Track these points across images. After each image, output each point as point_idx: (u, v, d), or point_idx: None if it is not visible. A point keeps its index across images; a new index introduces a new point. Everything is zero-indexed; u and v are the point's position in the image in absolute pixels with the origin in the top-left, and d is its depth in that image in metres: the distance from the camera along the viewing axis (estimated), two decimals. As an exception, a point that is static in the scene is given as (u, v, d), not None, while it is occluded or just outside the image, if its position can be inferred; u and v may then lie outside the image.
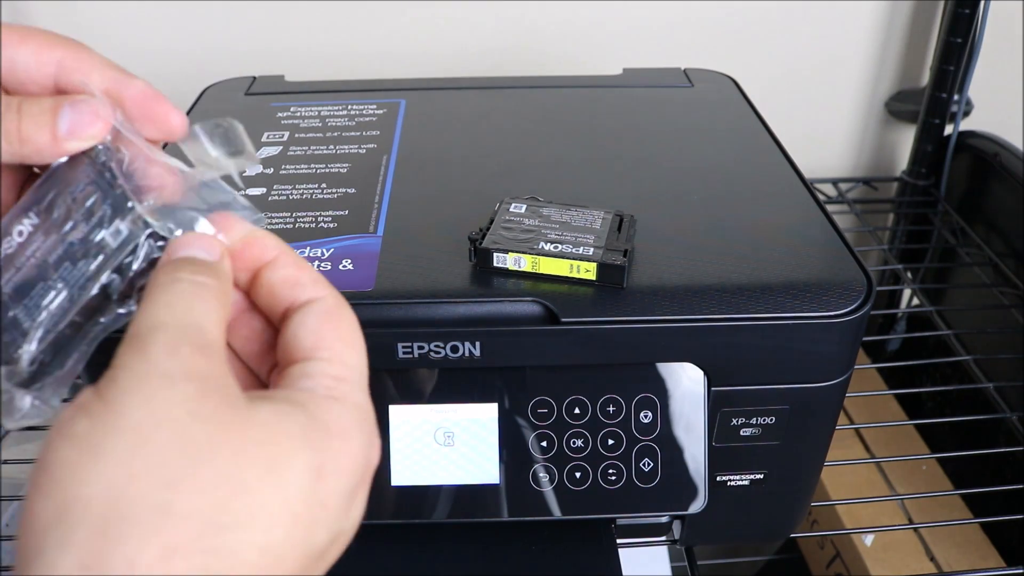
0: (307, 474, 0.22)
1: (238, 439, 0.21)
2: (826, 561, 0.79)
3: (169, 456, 0.20)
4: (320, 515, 0.22)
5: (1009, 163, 0.81)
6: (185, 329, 0.23)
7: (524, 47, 0.88)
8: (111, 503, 0.19)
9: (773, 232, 0.49)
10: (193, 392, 0.21)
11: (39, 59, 0.28)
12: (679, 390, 0.45)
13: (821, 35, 0.90)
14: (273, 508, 0.21)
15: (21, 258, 0.27)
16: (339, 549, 0.24)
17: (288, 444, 0.22)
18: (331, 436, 0.23)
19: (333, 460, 0.23)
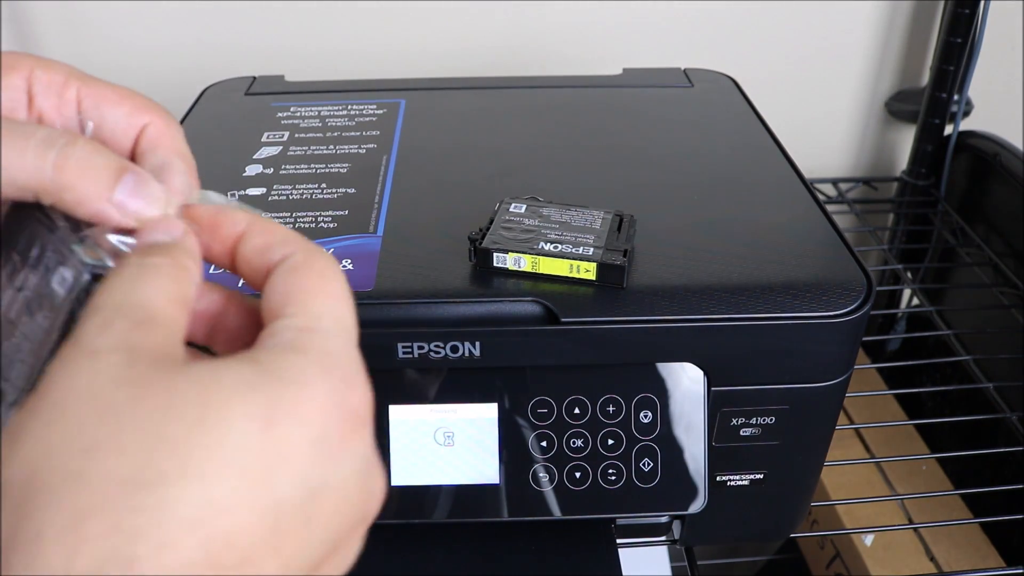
0: (251, 424, 0.20)
1: (163, 397, 0.20)
2: (826, 561, 0.79)
3: (86, 424, 0.19)
4: (279, 466, 0.20)
5: (1009, 163, 0.81)
6: (120, 307, 0.22)
7: (524, 47, 0.88)
8: (28, 480, 0.18)
9: (773, 232, 0.49)
10: (119, 361, 0.20)
11: (129, 122, 0.27)
12: (679, 390, 0.45)
13: (821, 35, 0.90)
14: (209, 461, 0.19)
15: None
16: (345, 501, 0.22)
17: (222, 396, 0.20)
18: (283, 384, 0.21)
19: (286, 408, 0.21)
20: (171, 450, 0.19)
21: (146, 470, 0.18)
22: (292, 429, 0.20)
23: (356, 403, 0.22)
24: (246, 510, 0.19)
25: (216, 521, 0.18)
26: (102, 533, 0.17)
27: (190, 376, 0.20)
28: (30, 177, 0.24)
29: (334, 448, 0.21)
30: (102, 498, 0.18)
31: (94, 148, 0.24)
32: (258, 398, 0.20)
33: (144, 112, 0.27)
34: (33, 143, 0.23)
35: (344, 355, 0.23)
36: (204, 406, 0.20)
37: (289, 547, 0.20)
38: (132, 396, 0.19)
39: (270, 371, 0.21)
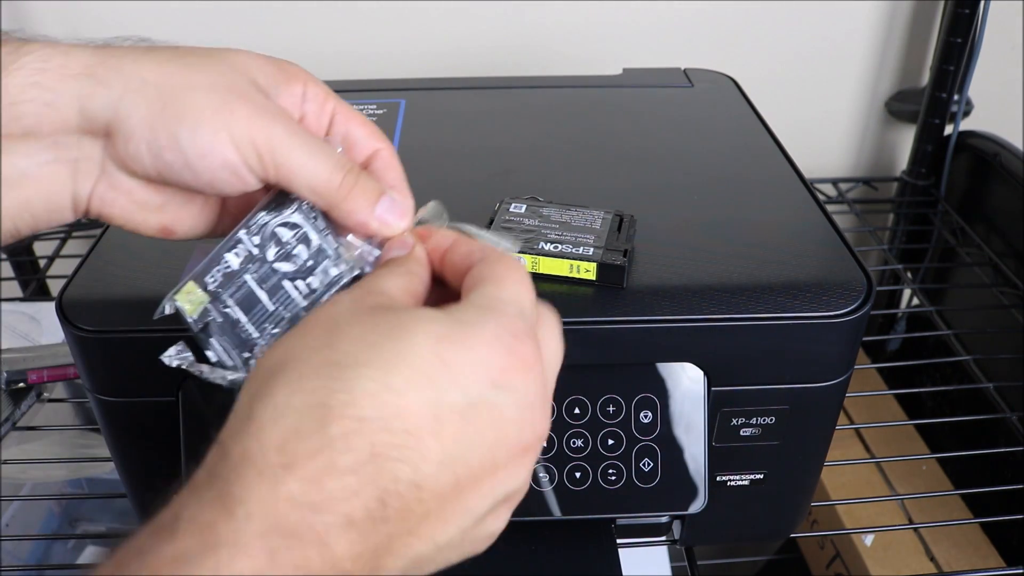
0: (428, 340, 0.26)
1: (370, 321, 0.27)
2: (826, 561, 0.79)
3: (317, 334, 0.27)
4: (442, 373, 0.26)
5: (1009, 163, 0.81)
6: (368, 287, 0.30)
7: (524, 47, 0.88)
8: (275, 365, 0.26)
9: (773, 232, 0.49)
10: (349, 307, 0.28)
11: (368, 143, 0.36)
12: (679, 390, 0.45)
13: (821, 35, 0.90)
14: (391, 357, 0.26)
15: (239, 277, 0.33)
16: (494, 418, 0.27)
17: (411, 322, 0.27)
18: (460, 324, 0.27)
19: (457, 337, 0.27)
20: (367, 349, 0.26)
21: (347, 358, 0.26)
22: (459, 351, 0.26)
23: (523, 353, 0.27)
24: (414, 395, 0.25)
25: (388, 395, 0.25)
26: (312, 389, 0.25)
27: (395, 311, 0.28)
28: (322, 185, 0.32)
29: (495, 376, 0.27)
30: (315, 371, 0.25)
31: (368, 175, 0.34)
32: (439, 327, 0.27)
33: (379, 139, 0.36)
34: (332, 162, 0.32)
35: (519, 319, 0.28)
36: (397, 327, 0.27)
37: (448, 435, 0.25)
38: (350, 320, 0.27)
39: (454, 316, 0.27)
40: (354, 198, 0.33)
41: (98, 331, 0.42)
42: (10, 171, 0.32)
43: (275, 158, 0.31)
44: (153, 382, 0.43)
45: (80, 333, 0.42)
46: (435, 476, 0.25)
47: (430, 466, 0.25)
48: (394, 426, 0.25)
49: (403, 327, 0.27)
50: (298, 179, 0.32)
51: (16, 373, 0.66)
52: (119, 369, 0.44)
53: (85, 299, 0.43)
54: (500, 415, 0.27)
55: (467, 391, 0.26)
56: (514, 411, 0.27)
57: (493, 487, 0.27)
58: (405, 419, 0.25)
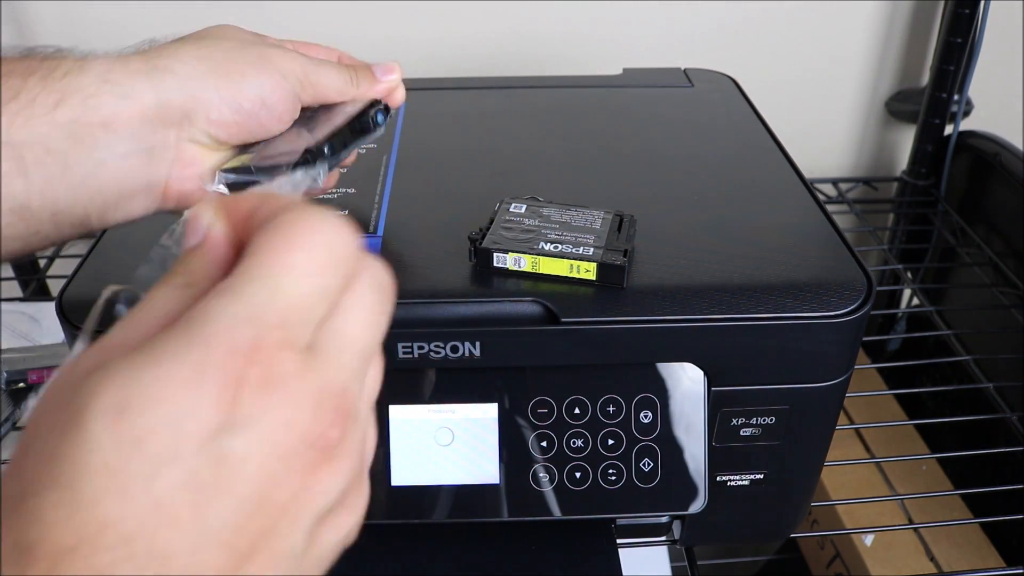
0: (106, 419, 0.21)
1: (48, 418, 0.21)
2: (826, 561, 0.79)
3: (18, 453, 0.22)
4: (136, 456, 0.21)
5: (1009, 163, 0.81)
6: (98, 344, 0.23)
7: (524, 47, 0.88)
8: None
9: (773, 232, 0.49)
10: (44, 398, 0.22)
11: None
12: (679, 390, 0.45)
13: (821, 35, 0.90)
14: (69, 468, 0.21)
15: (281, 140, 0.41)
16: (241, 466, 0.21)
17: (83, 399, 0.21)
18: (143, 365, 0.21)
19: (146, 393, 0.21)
20: (46, 464, 0.20)
21: (32, 485, 0.20)
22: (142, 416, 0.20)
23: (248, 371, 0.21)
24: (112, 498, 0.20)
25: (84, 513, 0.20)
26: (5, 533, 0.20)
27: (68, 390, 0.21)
28: (344, 87, 0.43)
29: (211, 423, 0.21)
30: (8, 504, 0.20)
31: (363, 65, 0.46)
32: (112, 392, 0.21)
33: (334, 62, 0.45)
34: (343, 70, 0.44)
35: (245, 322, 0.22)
36: (69, 418, 0.21)
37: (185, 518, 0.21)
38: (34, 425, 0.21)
39: (139, 355, 0.21)
40: (364, 83, 0.45)
41: (98, 331, 0.42)
42: (87, 162, 0.35)
43: (310, 79, 0.41)
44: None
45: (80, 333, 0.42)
46: (198, 564, 0.21)
47: (182, 559, 0.20)
48: (105, 542, 0.20)
49: (74, 418, 0.21)
50: (329, 90, 0.43)
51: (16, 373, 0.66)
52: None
53: (85, 299, 0.43)
54: (242, 461, 0.21)
55: (179, 458, 0.21)
56: (261, 446, 0.21)
57: (294, 522, 0.22)
58: (116, 529, 0.20)
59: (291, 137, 0.42)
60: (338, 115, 0.43)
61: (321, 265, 0.23)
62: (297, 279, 0.22)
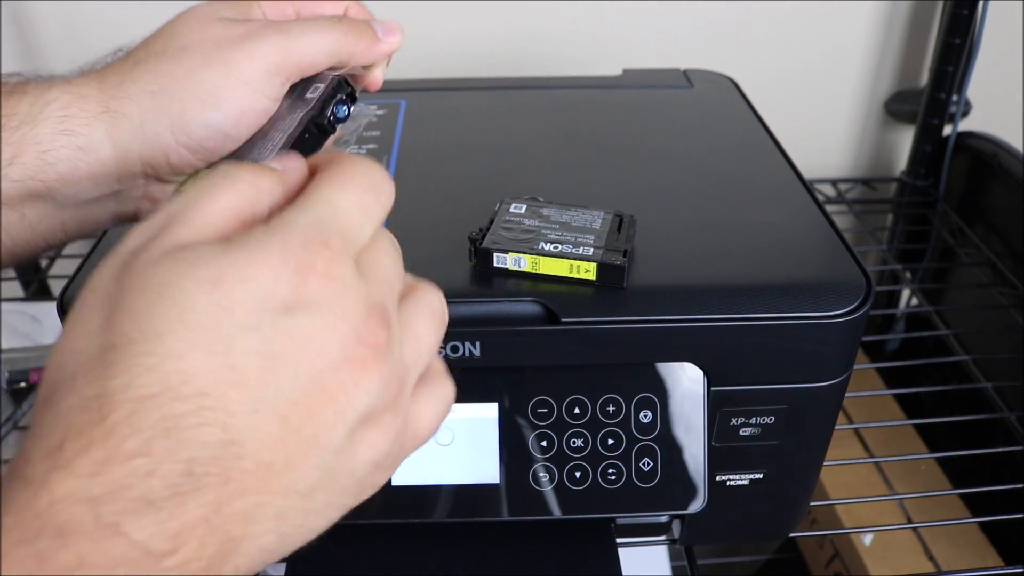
0: (199, 287, 0.24)
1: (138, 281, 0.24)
2: (825, 560, 0.79)
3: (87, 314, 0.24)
4: (224, 317, 0.24)
5: (1008, 163, 0.81)
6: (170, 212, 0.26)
7: (524, 48, 0.89)
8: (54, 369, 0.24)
9: (772, 232, 0.49)
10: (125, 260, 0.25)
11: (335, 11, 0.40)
12: (679, 390, 0.45)
13: (821, 35, 0.90)
14: (162, 324, 0.23)
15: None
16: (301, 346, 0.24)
17: (181, 269, 0.24)
18: (234, 251, 0.24)
19: (231, 272, 0.24)
20: (137, 320, 0.23)
21: (120, 338, 0.23)
22: (236, 289, 0.24)
23: (314, 261, 0.25)
24: (198, 355, 0.23)
25: (169, 364, 0.23)
26: (88, 382, 0.23)
27: (166, 261, 0.24)
28: (334, 49, 0.36)
29: (286, 299, 0.24)
30: (90, 364, 0.23)
31: (361, 22, 0.38)
32: (211, 269, 0.24)
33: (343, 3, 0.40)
34: (326, 28, 0.36)
35: (313, 227, 0.25)
36: (164, 283, 0.24)
37: (252, 381, 0.23)
38: (119, 287, 0.24)
39: (231, 244, 0.25)
40: (358, 41, 0.37)
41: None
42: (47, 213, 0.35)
43: (291, 61, 0.36)
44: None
45: (82, 333, 0.42)
46: (253, 427, 0.23)
47: (241, 419, 0.23)
48: (184, 392, 0.23)
49: (171, 283, 0.24)
50: (316, 62, 0.36)
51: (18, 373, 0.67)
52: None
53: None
54: (307, 337, 0.24)
55: (259, 327, 0.24)
56: (322, 328, 0.25)
57: (338, 413, 0.25)
58: (196, 382, 0.23)
59: (260, 137, 0.38)
60: (297, 110, 0.37)
61: (365, 192, 0.28)
62: (350, 200, 0.27)
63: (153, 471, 0.22)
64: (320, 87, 0.37)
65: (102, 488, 0.21)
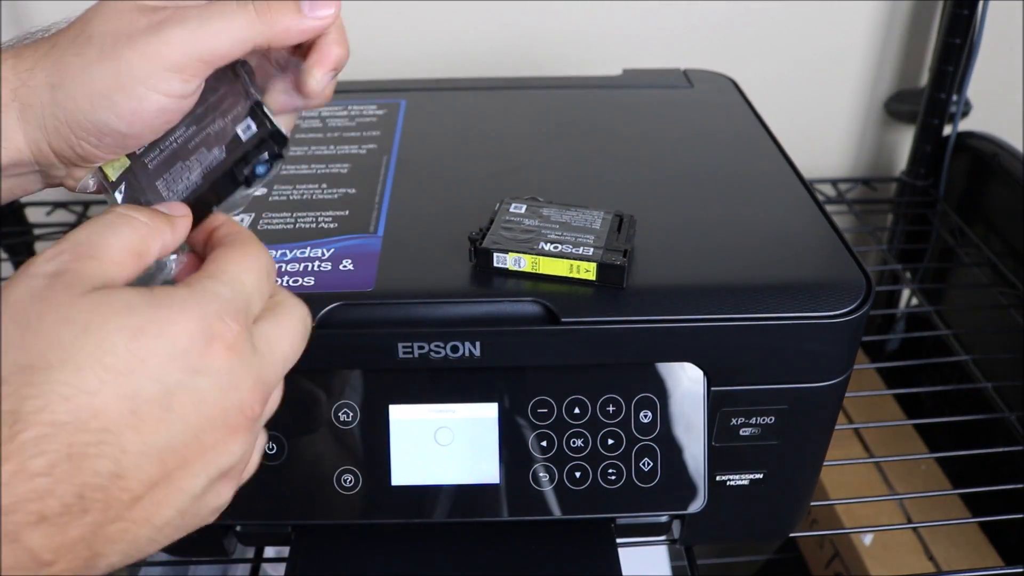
0: (121, 334, 0.26)
1: (65, 310, 0.26)
2: (825, 560, 0.79)
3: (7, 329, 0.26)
4: (138, 367, 0.26)
5: (1008, 163, 0.81)
6: (76, 242, 0.29)
7: (524, 48, 0.89)
8: None
9: (772, 232, 0.49)
10: (43, 284, 0.27)
11: None
12: (679, 390, 0.45)
13: (821, 35, 0.90)
14: (83, 356, 0.26)
15: (166, 142, 0.35)
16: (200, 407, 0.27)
17: (106, 313, 0.27)
18: (158, 307, 0.27)
19: (153, 326, 0.27)
20: (58, 348, 0.26)
21: (39, 360, 0.25)
22: (155, 343, 0.27)
23: (225, 333, 0.28)
24: (109, 393, 0.26)
25: (83, 398, 0.25)
26: (5, 396, 0.24)
27: (91, 298, 0.27)
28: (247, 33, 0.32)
29: (194, 362, 0.27)
30: (6, 378, 0.25)
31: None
32: (134, 316, 0.27)
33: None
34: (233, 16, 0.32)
35: (227, 301, 0.29)
36: (90, 321, 0.26)
37: (148, 427, 0.26)
38: (42, 309, 0.26)
39: (155, 298, 0.27)
40: (277, 20, 0.33)
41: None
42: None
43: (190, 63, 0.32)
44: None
45: (81, 333, 0.42)
46: (138, 466, 0.26)
47: (131, 457, 0.26)
48: (91, 426, 0.25)
49: (96, 323, 0.26)
50: (227, 52, 0.33)
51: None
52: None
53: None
54: (202, 399, 0.27)
55: (164, 381, 0.27)
56: (216, 393, 0.28)
57: (205, 467, 0.28)
58: (101, 418, 0.25)
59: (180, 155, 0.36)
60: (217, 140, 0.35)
61: (265, 276, 0.31)
62: (253, 281, 0.30)
63: (51, 491, 0.24)
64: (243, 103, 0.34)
65: (9, 500, 0.24)
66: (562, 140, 0.59)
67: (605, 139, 0.59)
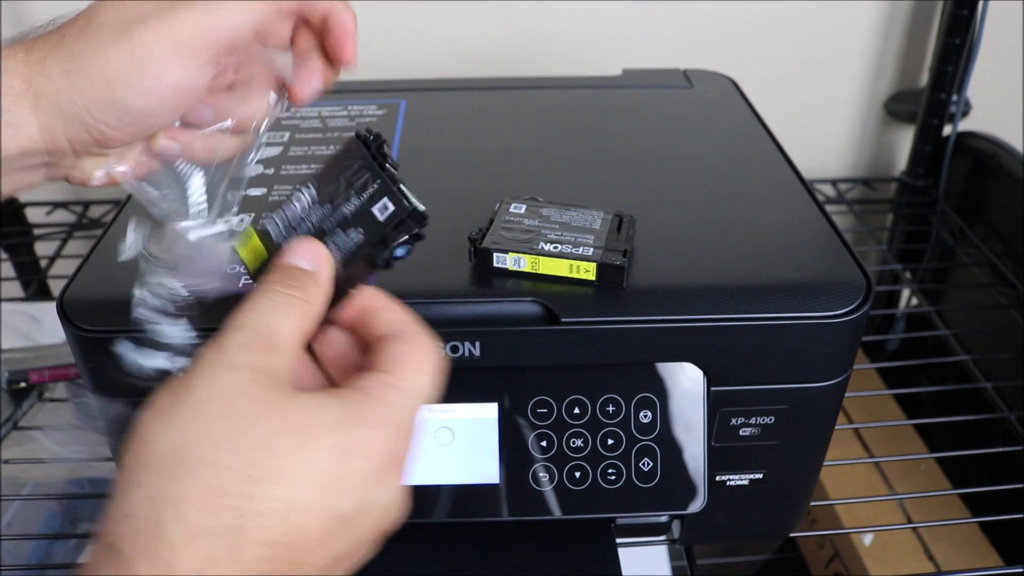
0: (331, 454, 0.28)
1: (277, 417, 0.27)
2: (825, 560, 0.79)
3: (218, 423, 0.27)
4: (343, 488, 0.28)
5: (1007, 163, 0.81)
6: (259, 331, 0.29)
7: (524, 48, 0.89)
8: (172, 455, 0.26)
9: (772, 232, 0.49)
10: (248, 378, 0.28)
11: None
12: (679, 390, 0.45)
13: (821, 35, 0.90)
14: (298, 473, 0.27)
15: (302, 225, 0.34)
16: (376, 520, 0.30)
17: (316, 429, 0.28)
18: (359, 424, 0.28)
19: (358, 444, 0.28)
20: (273, 459, 0.27)
21: (256, 470, 0.26)
22: (358, 463, 0.28)
23: (403, 451, 0.30)
24: (316, 514, 0.27)
25: (296, 517, 0.27)
26: (226, 506, 0.26)
27: (298, 406, 0.28)
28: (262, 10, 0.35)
29: (382, 479, 0.29)
30: (224, 482, 0.26)
31: None
32: (341, 433, 0.28)
33: None
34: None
35: (408, 414, 0.30)
36: (303, 433, 0.27)
37: (335, 544, 0.28)
38: (253, 411, 0.27)
39: (353, 410, 0.29)
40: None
41: (99, 331, 0.42)
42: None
43: (209, 34, 0.33)
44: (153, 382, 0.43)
45: (81, 333, 0.42)
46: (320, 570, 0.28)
47: (311, 569, 0.28)
48: (297, 545, 0.27)
49: (309, 437, 0.28)
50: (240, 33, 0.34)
51: (17, 373, 0.67)
52: (119, 369, 0.44)
53: (86, 299, 0.43)
54: (381, 512, 0.30)
55: (359, 500, 0.28)
56: (390, 504, 0.30)
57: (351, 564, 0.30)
58: (305, 538, 0.27)
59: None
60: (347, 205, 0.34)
61: (435, 374, 0.32)
62: (429, 388, 0.32)
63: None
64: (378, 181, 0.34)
65: None
66: (562, 140, 0.59)
67: (605, 139, 0.59)
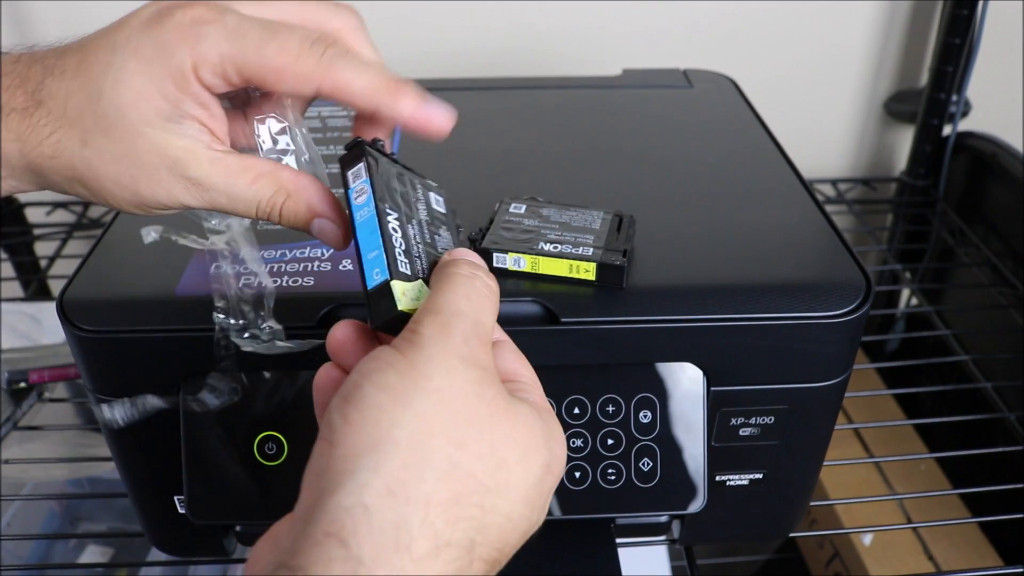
0: (542, 468, 0.29)
1: (508, 424, 0.28)
2: (825, 560, 0.79)
3: (460, 422, 0.27)
4: (538, 502, 0.29)
5: (1007, 163, 0.81)
6: (477, 323, 0.30)
7: (524, 48, 0.89)
8: (414, 447, 0.26)
9: (772, 232, 0.49)
10: (478, 377, 0.28)
11: None
12: (678, 390, 0.45)
13: (820, 35, 0.90)
14: (519, 486, 0.28)
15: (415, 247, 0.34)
16: (539, 519, 0.30)
17: (536, 441, 0.29)
18: (557, 443, 0.30)
19: (556, 461, 0.30)
20: (503, 469, 0.27)
21: (490, 479, 0.27)
22: (551, 480, 0.30)
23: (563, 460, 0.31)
24: (521, 529, 0.28)
25: (507, 528, 0.28)
26: (468, 518, 0.26)
27: (520, 415, 0.29)
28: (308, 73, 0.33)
29: (553, 481, 0.30)
30: (466, 490, 0.26)
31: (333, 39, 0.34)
32: (548, 453, 0.29)
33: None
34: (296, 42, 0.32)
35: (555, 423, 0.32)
36: (525, 445, 0.29)
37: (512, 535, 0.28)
38: (488, 414, 0.28)
39: (551, 428, 0.30)
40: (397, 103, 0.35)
41: (99, 331, 0.42)
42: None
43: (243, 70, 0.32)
44: (153, 382, 0.43)
45: (81, 333, 0.42)
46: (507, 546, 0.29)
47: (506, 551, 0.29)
48: (499, 559, 0.28)
49: (528, 449, 0.29)
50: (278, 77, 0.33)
51: (17, 373, 0.67)
52: (119, 369, 0.44)
53: (86, 299, 0.43)
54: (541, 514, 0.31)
55: (541, 513, 0.30)
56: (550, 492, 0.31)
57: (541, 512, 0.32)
58: (507, 552, 0.28)
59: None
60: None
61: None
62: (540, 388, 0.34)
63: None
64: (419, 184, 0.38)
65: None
66: (562, 140, 0.59)
67: (605, 139, 0.59)
